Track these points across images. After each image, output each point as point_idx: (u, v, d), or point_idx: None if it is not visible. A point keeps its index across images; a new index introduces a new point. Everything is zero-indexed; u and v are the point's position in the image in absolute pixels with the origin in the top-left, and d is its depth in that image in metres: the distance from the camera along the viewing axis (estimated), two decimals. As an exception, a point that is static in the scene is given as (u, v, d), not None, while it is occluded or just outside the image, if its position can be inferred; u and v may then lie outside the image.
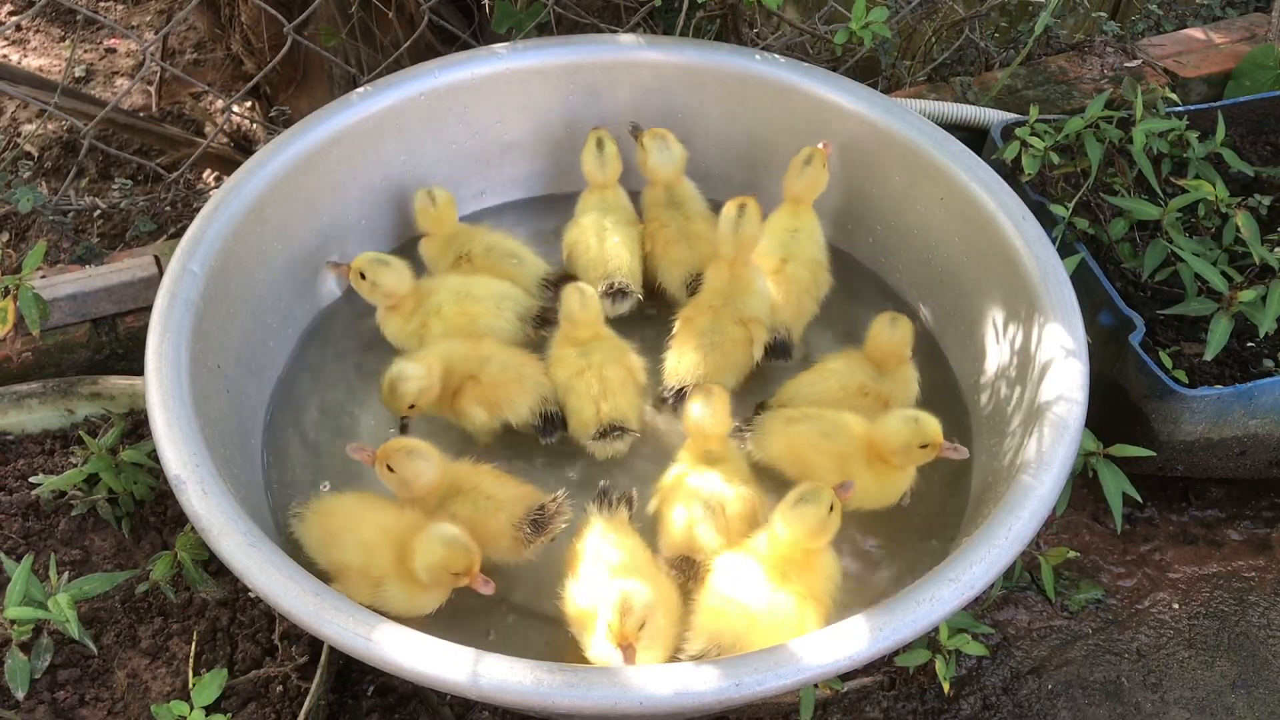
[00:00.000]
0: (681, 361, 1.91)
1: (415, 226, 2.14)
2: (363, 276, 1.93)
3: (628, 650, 1.45)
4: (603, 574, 1.58)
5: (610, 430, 1.82)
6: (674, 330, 1.97)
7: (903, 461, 1.73)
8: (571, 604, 1.60)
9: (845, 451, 1.74)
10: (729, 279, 1.93)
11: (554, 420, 1.87)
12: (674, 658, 1.57)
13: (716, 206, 2.19)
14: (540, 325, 1.99)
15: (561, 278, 2.06)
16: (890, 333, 1.87)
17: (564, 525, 1.70)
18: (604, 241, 2.07)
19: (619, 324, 2.05)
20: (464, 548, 1.55)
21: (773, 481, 1.83)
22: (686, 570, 1.67)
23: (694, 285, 2.04)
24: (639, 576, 1.56)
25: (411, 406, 1.81)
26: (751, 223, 1.89)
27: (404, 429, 1.91)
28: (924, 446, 1.70)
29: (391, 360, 1.86)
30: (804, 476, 1.78)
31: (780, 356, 1.98)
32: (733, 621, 1.54)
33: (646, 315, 2.10)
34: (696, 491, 1.70)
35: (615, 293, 2.02)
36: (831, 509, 1.58)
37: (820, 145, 2.05)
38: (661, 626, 1.55)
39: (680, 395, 1.87)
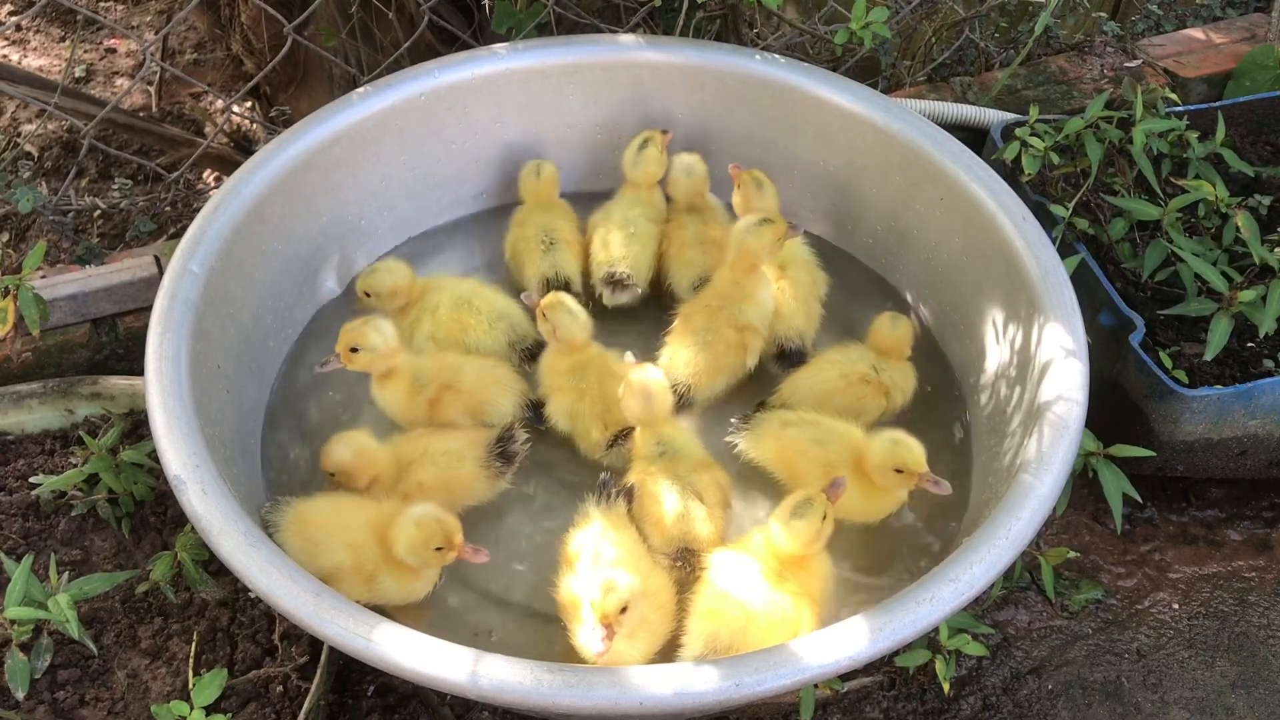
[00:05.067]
0: (675, 358, 1.92)
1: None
2: (367, 294, 1.98)
3: (608, 630, 1.46)
4: (596, 565, 1.59)
5: (619, 437, 1.82)
6: (673, 325, 1.97)
7: (880, 481, 1.71)
8: (563, 593, 1.61)
9: (834, 460, 1.74)
10: (732, 283, 1.93)
11: (538, 406, 1.89)
12: (671, 657, 1.57)
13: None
14: (529, 359, 1.96)
15: (562, 285, 2.04)
16: (891, 329, 1.88)
17: (527, 446, 1.77)
18: (622, 231, 2.08)
19: (620, 322, 2.05)
20: (435, 520, 1.57)
21: (761, 481, 1.84)
22: (687, 562, 1.67)
23: (701, 288, 2.04)
24: (633, 569, 1.57)
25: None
26: (760, 236, 1.89)
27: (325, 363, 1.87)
28: (899, 471, 1.67)
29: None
30: (791, 481, 1.79)
31: (795, 365, 1.98)
32: (730, 623, 1.54)
33: (650, 314, 2.11)
34: (672, 484, 1.70)
35: (614, 282, 2.03)
36: (825, 516, 1.59)
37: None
38: (652, 619, 1.56)
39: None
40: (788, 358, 1.98)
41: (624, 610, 1.47)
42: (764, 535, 1.63)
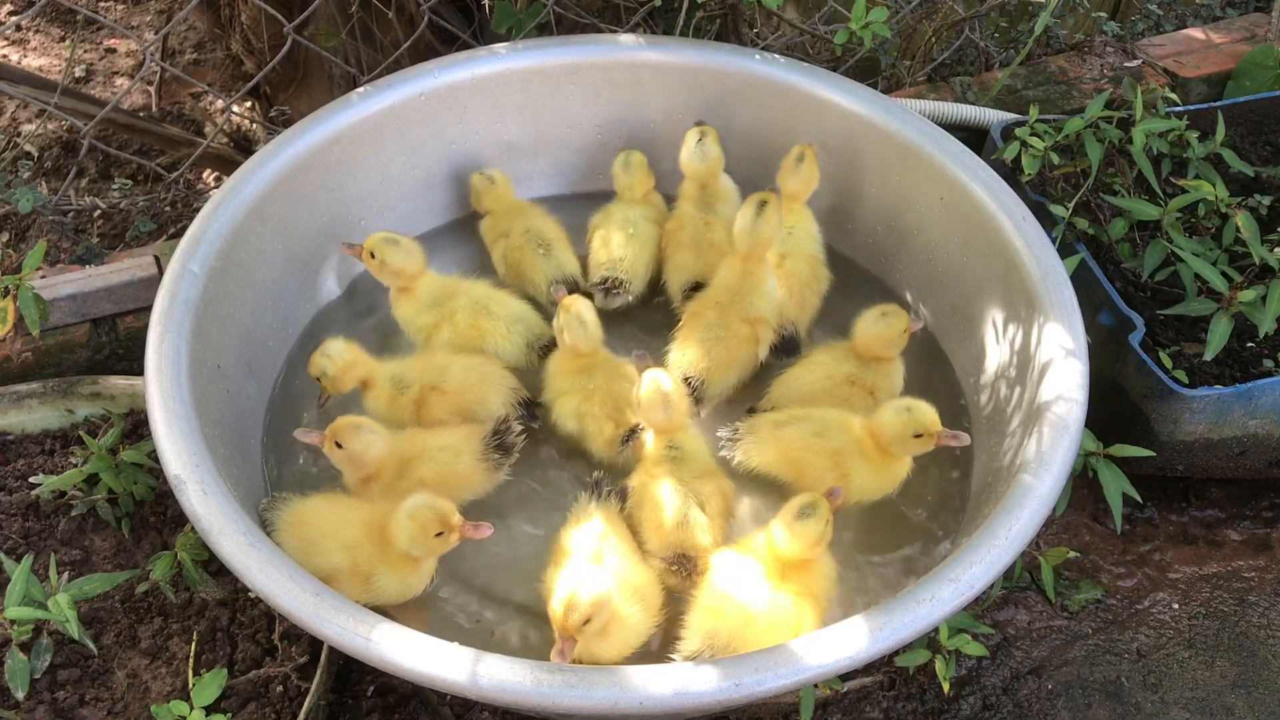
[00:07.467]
0: (685, 355, 1.91)
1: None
2: (372, 255, 1.92)
3: (568, 643, 1.47)
4: (580, 562, 1.59)
5: (632, 434, 1.81)
6: (680, 324, 1.97)
7: (901, 451, 1.74)
8: (548, 586, 1.61)
9: (840, 448, 1.75)
10: (741, 276, 1.93)
11: (531, 404, 1.88)
12: (667, 656, 1.57)
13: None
14: (545, 355, 1.95)
15: (573, 288, 2.04)
16: (872, 330, 1.87)
17: (522, 436, 1.77)
18: (622, 232, 2.08)
19: (617, 320, 2.05)
20: (428, 507, 1.57)
21: (758, 485, 1.84)
22: (684, 567, 1.67)
23: (689, 294, 2.03)
24: (620, 564, 1.58)
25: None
26: (770, 221, 1.88)
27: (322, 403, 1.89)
28: (919, 436, 1.70)
29: (389, 357, 1.87)
30: (799, 479, 1.78)
31: (790, 353, 1.98)
32: (730, 620, 1.54)
33: (647, 313, 2.10)
34: (675, 488, 1.70)
35: (608, 288, 2.03)
36: (827, 520, 1.59)
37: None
38: (631, 617, 1.56)
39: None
40: (782, 346, 1.98)
41: (587, 622, 1.47)
42: (766, 537, 1.63)
